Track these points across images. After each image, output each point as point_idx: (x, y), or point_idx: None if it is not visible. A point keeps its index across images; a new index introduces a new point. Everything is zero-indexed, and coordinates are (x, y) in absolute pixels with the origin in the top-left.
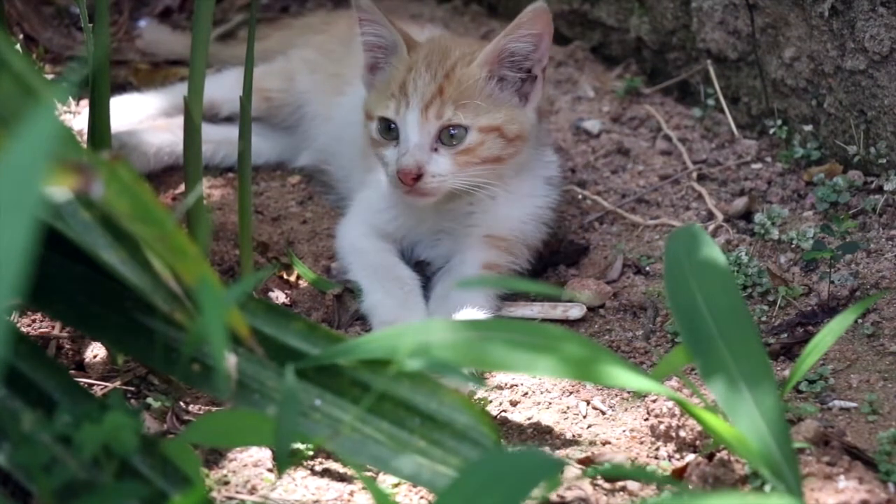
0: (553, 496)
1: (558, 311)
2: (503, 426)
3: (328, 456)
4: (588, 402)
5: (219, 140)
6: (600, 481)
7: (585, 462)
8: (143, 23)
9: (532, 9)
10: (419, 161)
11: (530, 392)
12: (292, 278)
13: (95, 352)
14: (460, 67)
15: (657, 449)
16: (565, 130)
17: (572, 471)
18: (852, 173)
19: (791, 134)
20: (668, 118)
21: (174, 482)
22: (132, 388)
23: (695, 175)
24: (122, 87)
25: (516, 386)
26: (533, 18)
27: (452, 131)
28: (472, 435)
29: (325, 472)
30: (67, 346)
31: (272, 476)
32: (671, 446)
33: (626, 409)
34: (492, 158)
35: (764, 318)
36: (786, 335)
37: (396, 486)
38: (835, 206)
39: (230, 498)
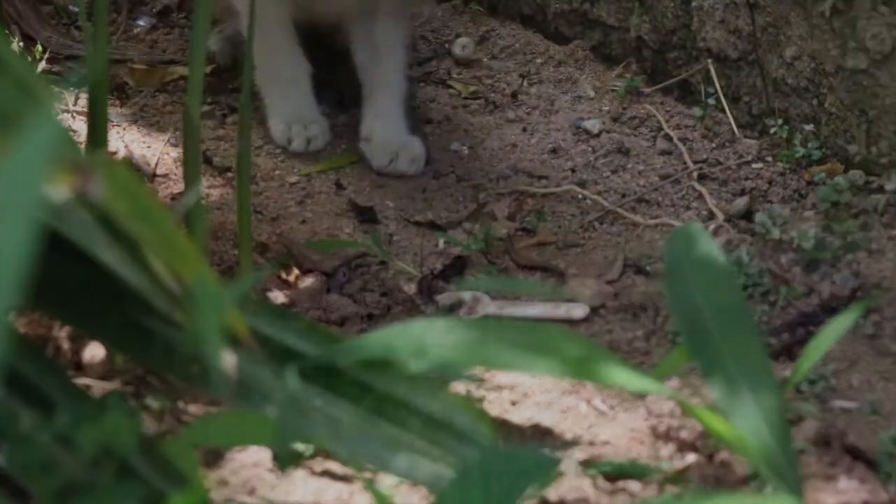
0: (553, 496)
1: (561, 310)
2: (503, 426)
3: (328, 456)
4: (588, 402)
5: None
6: (601, 482)
7: (585, 462)
8: (142, 21)
9: None
10: None
11: (530, 392)
12: (291, 278)
13: (94, 352)
14: None
15: (658, 449)
16: (565, 130)
17: (572, 471)
18: (853, 173)
19: (792, 133)
20: (669, 118)
21: (173, 482)
22: (131, 389)
23: (695, 175)
24: (120, 87)
25: (516, 386)
26: None
27: None
28: (472, 435)
29: (325, 473)
30: (66, 346)
31: (272, 476)
32: (671, 446)
33: (626, 410)
34: None
35: (765, 319)
36: (786, 335)
37: (396, 486)
38: (836, 206)
39: (230, 499)
